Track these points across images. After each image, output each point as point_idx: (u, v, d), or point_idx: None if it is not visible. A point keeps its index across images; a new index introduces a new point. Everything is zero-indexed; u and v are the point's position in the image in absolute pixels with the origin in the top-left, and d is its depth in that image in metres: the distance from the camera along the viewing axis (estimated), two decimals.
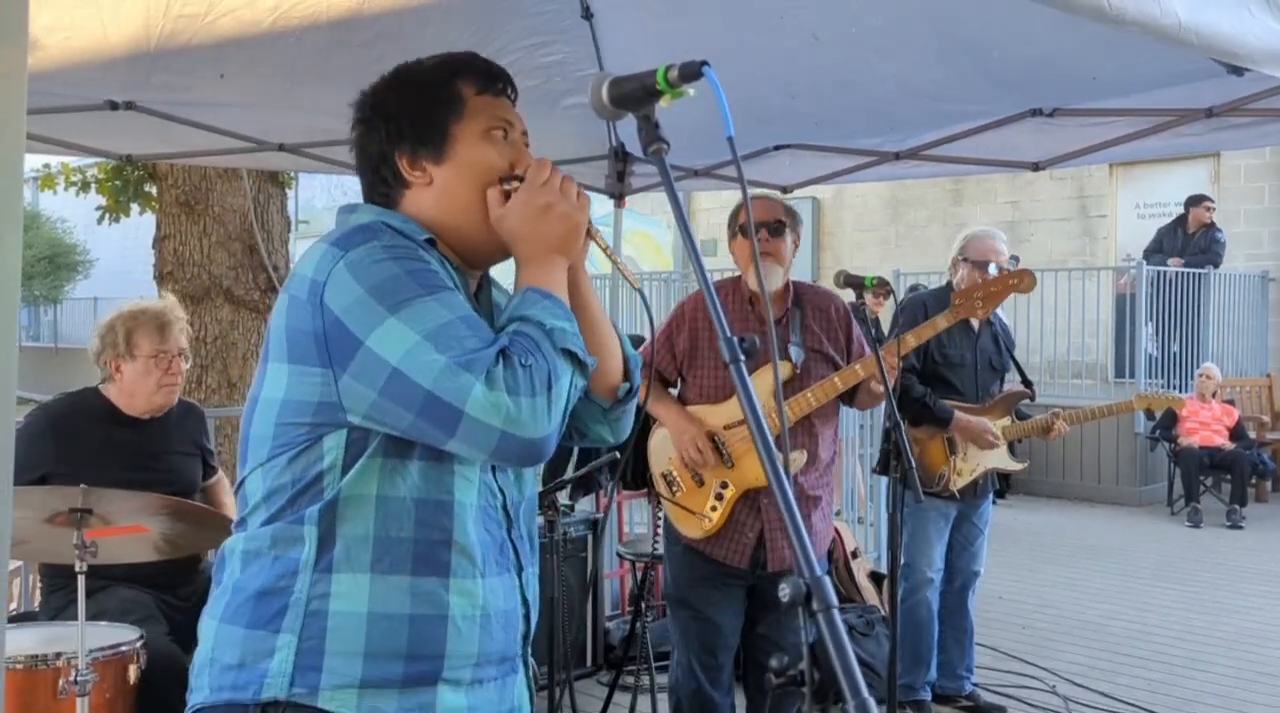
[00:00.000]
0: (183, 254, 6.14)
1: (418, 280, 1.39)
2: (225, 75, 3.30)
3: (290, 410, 1.44)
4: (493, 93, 1.58)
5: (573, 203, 1.51)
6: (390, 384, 1.35)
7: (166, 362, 3.28)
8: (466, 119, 1.55)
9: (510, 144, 1.57)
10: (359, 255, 1.40)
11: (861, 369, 3.28)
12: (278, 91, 3.53)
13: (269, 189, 6.35)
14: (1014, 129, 3.84)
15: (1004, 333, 4.47)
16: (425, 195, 1.55)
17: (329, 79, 3.21)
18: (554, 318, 1.43)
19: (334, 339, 1.38)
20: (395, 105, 1.57)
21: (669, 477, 3.43)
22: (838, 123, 4.05)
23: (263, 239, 6.22)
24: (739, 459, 3.32)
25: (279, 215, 6.47)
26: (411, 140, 1.54)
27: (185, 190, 6.12)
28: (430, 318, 1.36)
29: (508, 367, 1.34)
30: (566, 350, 1.41)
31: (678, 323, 3.45)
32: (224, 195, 6.16)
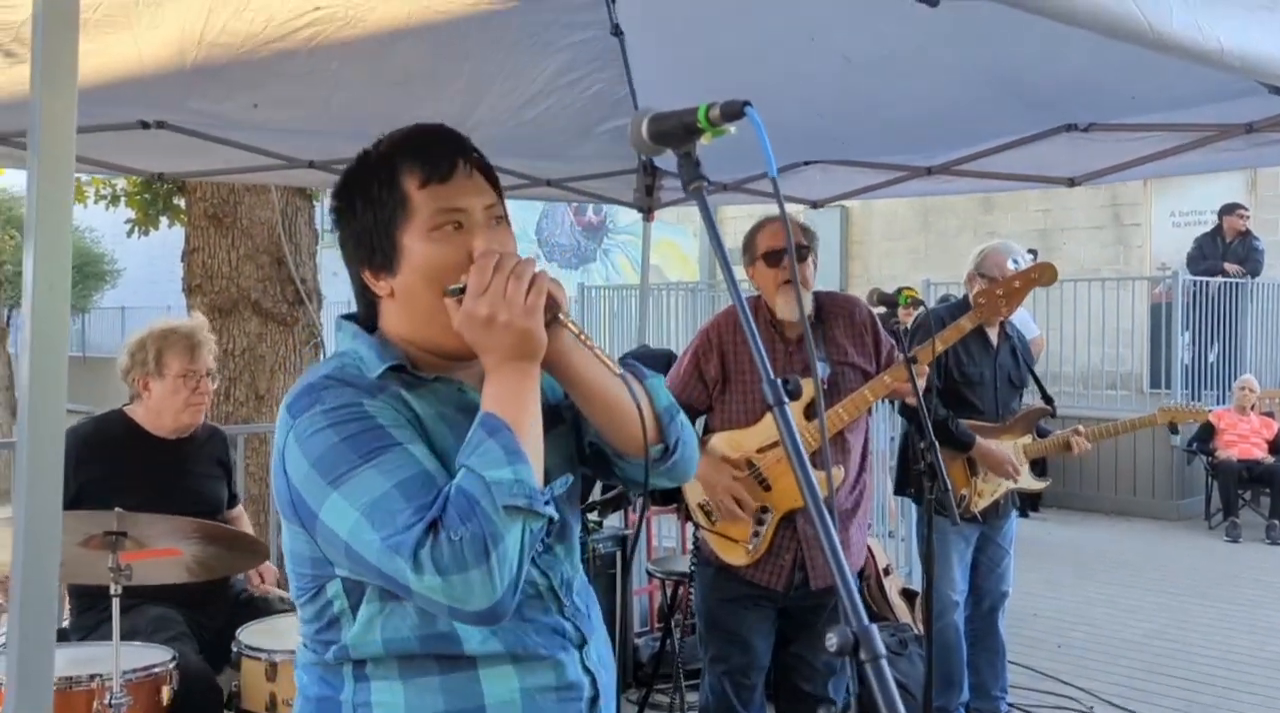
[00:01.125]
0: (211, 267, 6.19)
1: (357, 447, 1.37)
2: (259, 105, 3.35)
3: (295, 559, 1.49)
4: (438, 179, 1.48)
5: (518, 307, 1.41)
6: (349, 554, 1.37)
7: (195, 381, 3.33)
8: (411, 221, 1.47)
9: (468, 231, 1.48)
10: (304, 426, 1.40)
11: (890, 378, 3.27)
12: (310, 120, 3.58)
13: (296, 202, 6.39)
14: (1048, 144, 3.83)
15: (1022, 346, 4.43)
16: (391, 307, 1.51)
17: (363, 109, 3.25)
18: (494, 467, 1.34)
19: (299, 506, 1.41)
20: (349, 213, 1.52)
21: (707, 506, 3.42)
22: (867, 142, 4.05)
23: (290, 252, 6.26)
24: (776, 481, 3.32)
25: (307, 228, 6.51)
26: (365, 250, 1.50)
27: (214, 204, 6.17)
28: (366, 491, 1.34)
29: (434, 544, 1.30)
30: (508, 505, 1.33)
31: (705, 350, 3.44)
32: (252, 208, 6.21)
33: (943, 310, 4.21)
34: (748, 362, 3.34)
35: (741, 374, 3.37)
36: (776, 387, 1.18)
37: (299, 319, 6.25)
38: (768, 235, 3.34)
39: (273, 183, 5.42)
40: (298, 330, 6.24)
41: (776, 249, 3.30)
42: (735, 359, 3.38)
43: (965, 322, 3.51)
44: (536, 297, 1.44)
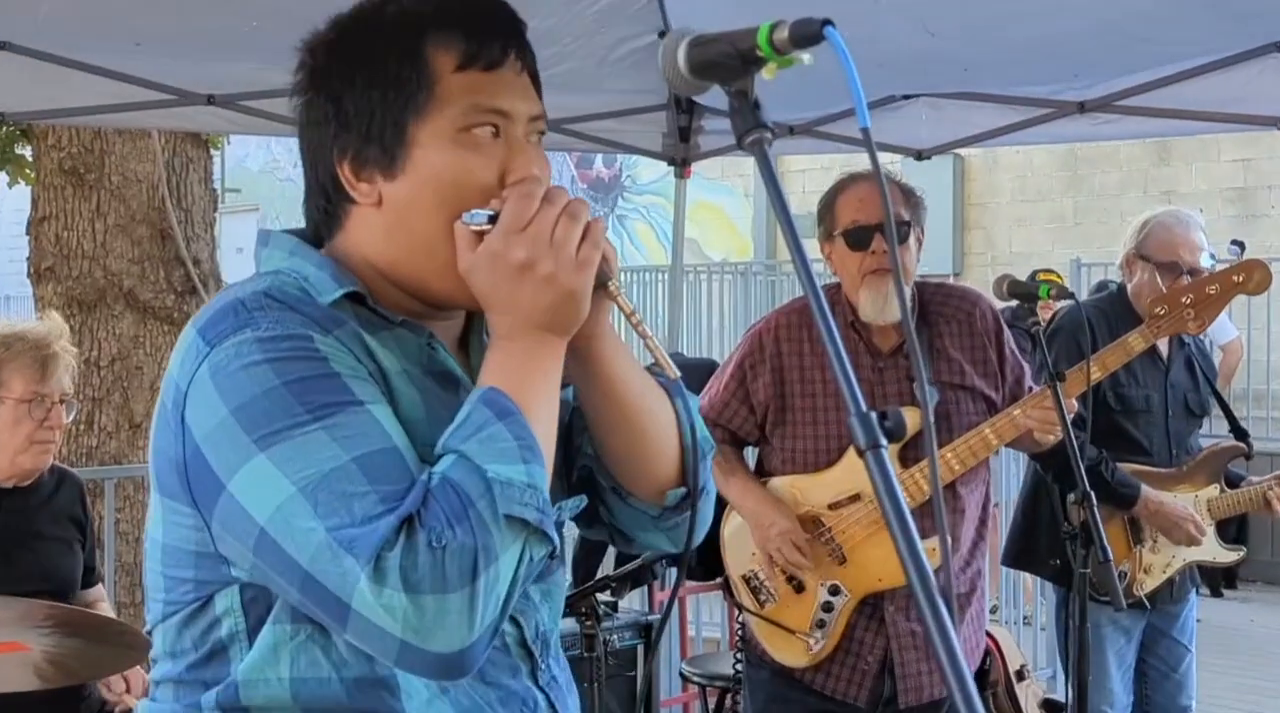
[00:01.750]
0: (68, 242, 6.24)
1: (304, 396, 1.38)
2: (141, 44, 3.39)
3: (171, 559, 1.48)
4: (483, 64, 1.52)
5: (566, 258, 1.44)
6: (262, 548, 1.36)
7: (44, 410, 3.34)
8: (434, 110, 1.50)
9: (506, 144, 1.52)
10: (226, 355, 1.40)
11: (1023, 415, 3.25)
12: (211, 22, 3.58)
13: (188, 152, 6.45)
14: (1249, 70, 3.81)
15: (1204, 359, 4.37)
16: (372, 220, 1.53)
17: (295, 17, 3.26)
18: (501, 460, 1.37)
19: (195, 473, 1.41)
20: (338, 78, 1.53)
21: (754, 580, 3.42)
22: (997, 67, 4.04)
23: (179, 221, 6.32)
24: (854, 551, 3.32)
25: (201, 186, 6.57)
26: (356, 138, 1.52)
27: (72, 153, 6.22)
28: (311, 459, 1.35)
29: (409, 547, 1.31)
30: (512, 515, 1.36)
31: (754, 360, 3.44)
32: (124, 161, 6.26)
33: (1093, 310, 4.10)
34: (819, 380, 3.33)
35: (808, 397, 3.37)
36: (870, 423, 1.17)
37: (190, 315, 6.26)
38: (852, 202, 3.33)
39: (155, 126, 5.45)
40: None
41: (864, 225, 3.28)
42: (800, 375, 3.38)
43: (1134, 340, 3.48)
44: (591, 249, 1.47)
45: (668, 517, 1.63)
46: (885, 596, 3.29)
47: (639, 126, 4.81)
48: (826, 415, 3.34)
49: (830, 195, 3.42)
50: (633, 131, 4.90)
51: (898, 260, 3.08)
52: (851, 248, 3.29)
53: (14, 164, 7.98)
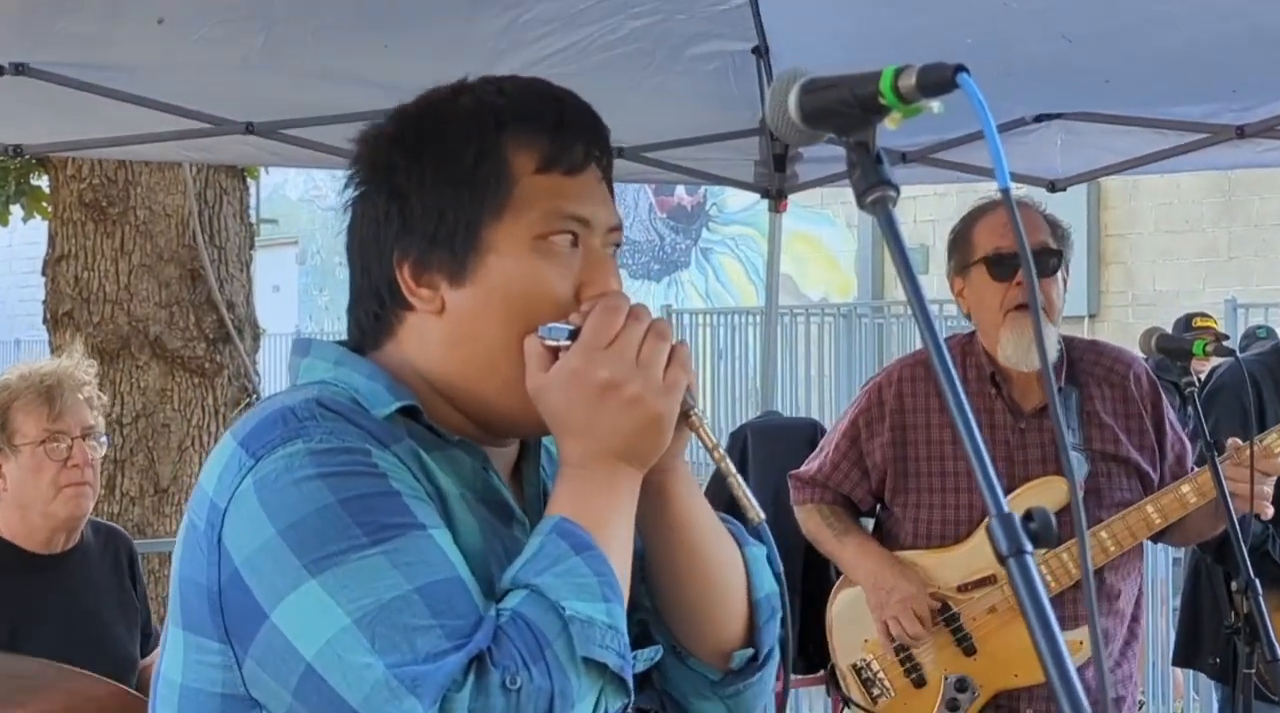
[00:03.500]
0: (88, 283, 6.33)
1: (360, 516, 1.39)
2: (165, 20, 3.44)
3: (192, 705, 1.48)
4: (565, 167, 1.56)
5: (654, 379, 1.48)
6: (306, 688, 1.37)
7: (64, 449, 3.37)
8: (511, 214, 1.54)
9: (584, 257, 1.56)
10: (275, 468, 1.42)
11: (1193, 493, 3.22)
12: (245, 44, 3.64)
13: (221, 182, 6.54)
14: None
15: None
16: (431, 330, 1.56)
17: (340, 34, 3.32)
18: (581, 596, 1.40)
19: (232, 603, 1.42)
20: (404, 173, 1.56)
21: (866, 671, 3.43)
22: (1142, 79, 4.02)
23: (212, 259, 6.39)
24: (986, 642, 3.31)
25: (237, 221, 6.64)
26: (420, 239, 1.55)
27: (93, 185, 6.31)
28: (369, 588, 1.36)
29: (480, 688, 1.33)
30: (591, 659, 1.38)
31: (871, 417, 3.45)
32: (152, 192, 6.35)
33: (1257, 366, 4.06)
34: (948, 441, 3.33)
35: (935, 460, 3.38)
36: (1013, 526, 1.18)
37: (223, 366, 6.36)
38: (994, 228, 3.32)
39: (187, 158, 5.53)
40: (221, 384, 6.35)
41: (1010, 252, 3.27)
42: (925, 436, 3.39)
43: None
44: (679, 371, 1.50)
45: (731, 683, 1.63)
46: (1021, 695, 3.28)
47: (727, 154, 4.81)
48: (957, 482, 3.34)
49: (966, 223, 3.42)
50: (720, 159, 4.91)
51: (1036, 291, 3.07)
52: (994, 278, 3.28)
53: (29, 197, 8.12)
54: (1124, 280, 13.50)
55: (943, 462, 3.37)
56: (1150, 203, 13.60)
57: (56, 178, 6.53)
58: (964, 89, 1.22)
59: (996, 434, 3.32)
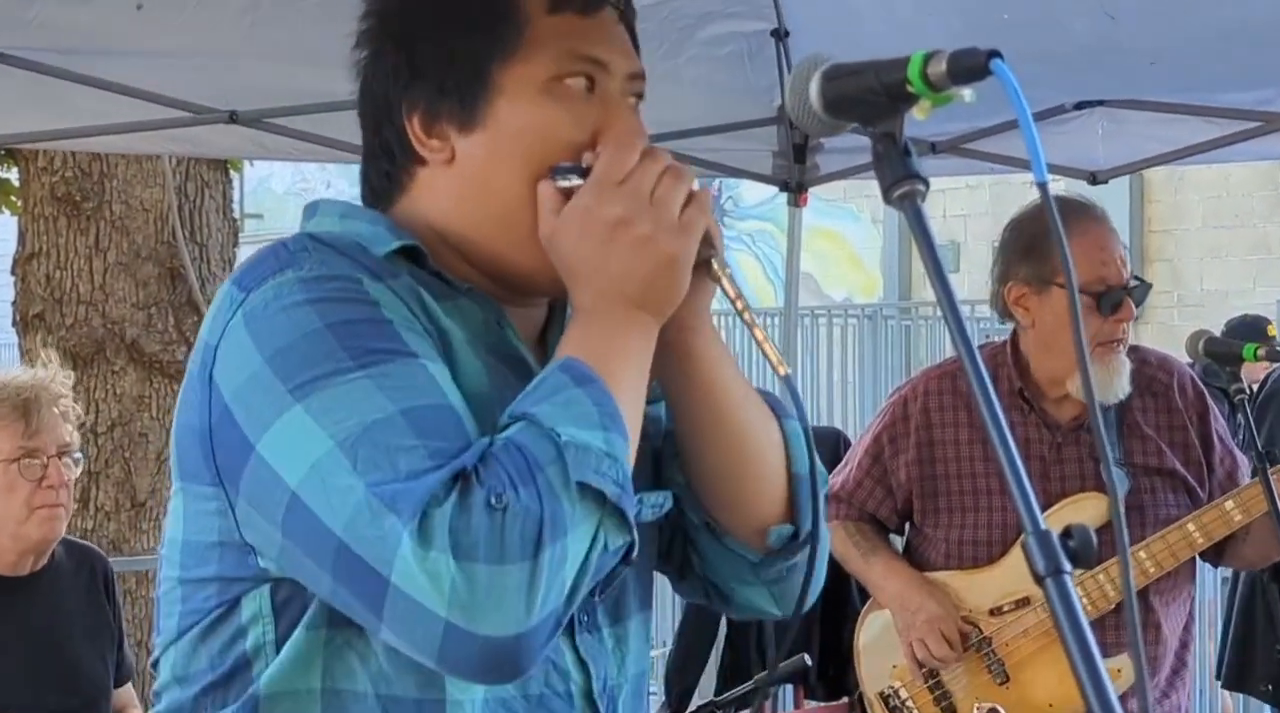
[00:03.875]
0: (60, 283, 6.33)
1: (347, 340, 1.43)
2: (144, 5, 3.45)
3: (192, 557, 1.53)
4: (578, 7, 1.60)
5: (669, 219, 1.51)
6: (293, 518, 1.40)
7: (39, 467, 3.38)
8: (522, 55, 1.58)
9: (600, 101, 1.60)
10: (264, 297, 1.47)
11: (1238, 509, 3.22)
12: (230, 28, 3.66)
13: (203, 175, 6.53)
14: None
15: None
16: (442, 181, 1.61)
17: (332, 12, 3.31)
18: (579, 424, 1.42)
19: (221, 439, 1.46)
20: (413, 20, 1.62)
21: (893, 700, 3.44)
22: (1189, 60, 4.01)
23: (193, 257, 6.39)
24: (1018, 669, 3.32)
25: (219, 216, 6.64)
26: (428, 86, 1.59)
27: (66, 178, 6.31)
28: (353, 410, 1.39)
29: (462, 506, 1.34)
30: (587, 486, 1.40)
31: (896, 433, 3.47)
32: (129, 185, 6.35)
33: None
34: (980, 458, 3.33)
35: (966, 479, 3.39)
36: (1050, 545, 1.18)
37: None
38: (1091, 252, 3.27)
39: (166, 149, 5.53)
40: None
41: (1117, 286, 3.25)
42: (955, 452, 3.40)
43: None
44: (697, 213, 1.53)
45: (771, 564, 1.66)
46: None
47: (744, 144, 4.80)
48: (990, 501, 3.34)
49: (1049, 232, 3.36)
50: (736, 150, 4.90)
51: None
52: (1096, 311, 3.25)
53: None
54: (1169, 279, 13.46)
55: (974, 479, 3.37)
56: (1197, 196, 13.58)
57: (27, 170, 6.53)
58: (998, 76, 1.23)
59: (1031, 449, 3.32)
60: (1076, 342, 1.34)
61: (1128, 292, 3.25)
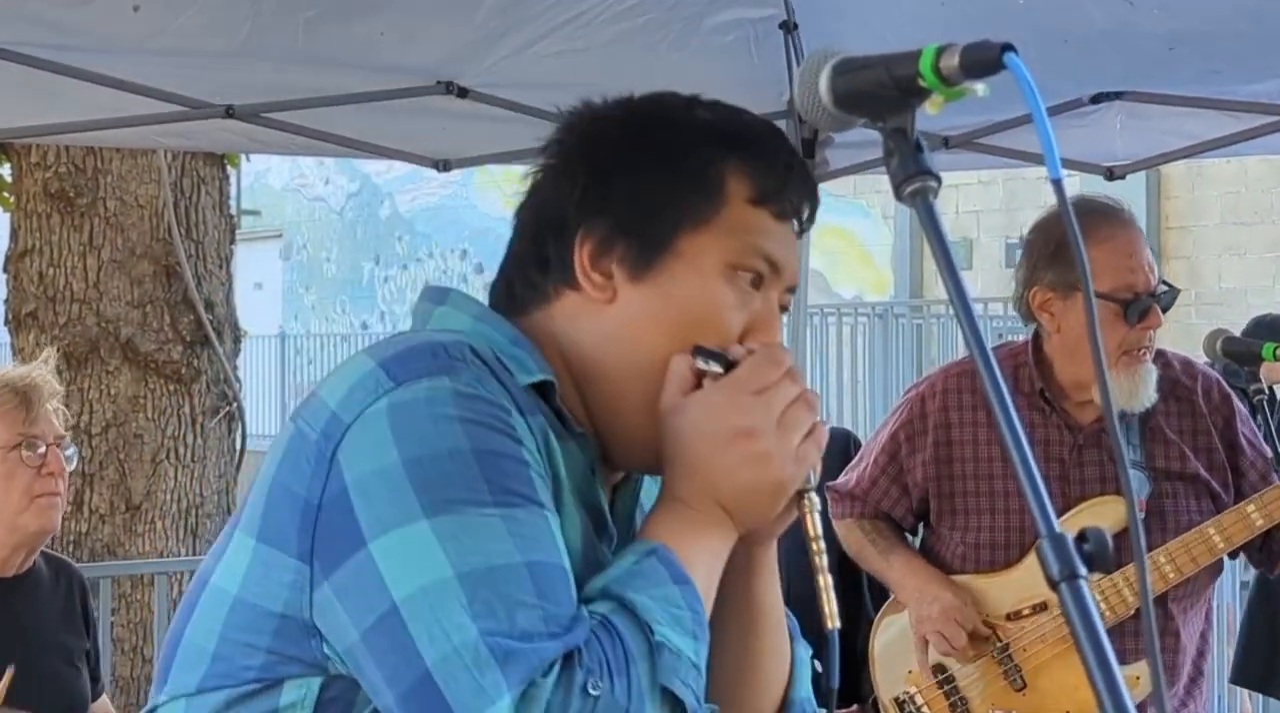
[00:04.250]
0: (54, 281, 6.34)
1: (489, 472, 1.44)
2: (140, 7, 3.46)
3: (243, 619, 1.51)
4: (776, 208, 1.65)
5: (790, 445, 1.55)
6: (380, 630, 1.41)
7: (39, 454, 3.38)
8: (713, 230, 1.63)
9: (762, 302, 1.64)
10: (414, 397, 1.47)
11: (1259, 513, 3.23)
12: (233, 33, 3.68)
13: (199, 170, 6.54)
14: None
15: None
16: (591, 315, 1.63)
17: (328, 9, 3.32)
18: (674, 625, 1.46)
19: (329, 521, 1.46)
20: (617, 154, 1.66)
21: (908, 704, 3.44)
22: (1208, 43, 4.00)
23: (189, 255, 6.40)
24: (1035, 675, 3.32)
25: (216, 212, 6.65)
26: (612, 220, 1.63)
27: (60, 174, 6.33)
28: (481, 547, 1.41)
29: (565, 685, 1.37)
30: (669, 691, 1.45)
31: (912, 431, 3.46)
32: (124, 181, 6.36)
33: None
34: (999, 459, 3.33)
35: (983, 479, 3.39)
36: (1065, 548, 1.18)
37: (201, 372, 6.37)
38: (1120, 257, 3.26)
39: (162, 144, 5.54)
40: (199, 390, 6.36)
41: (1146, 293, 3.24)
42: (974, 453, 3.39)
43: None
44: (814, 447, 1.58)
45: None
46: None
47: None
48: (1007, 503, 3.34)
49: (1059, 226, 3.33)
50: None
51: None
52: (1124, 320, 3.23)
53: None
54: (1187, 277, 13.43)
55: (991, 481, 3.37)
56: (1216, 192, 13.56)
57: (20, 166, 6.54)
58: (1011, 70, 1.23)
59: (1050, 451, 3.32)
60: (1094, 352, 1.34)
61: (1155, 299, 3.23)
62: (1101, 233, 3.26)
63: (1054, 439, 3.32)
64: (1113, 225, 3.31)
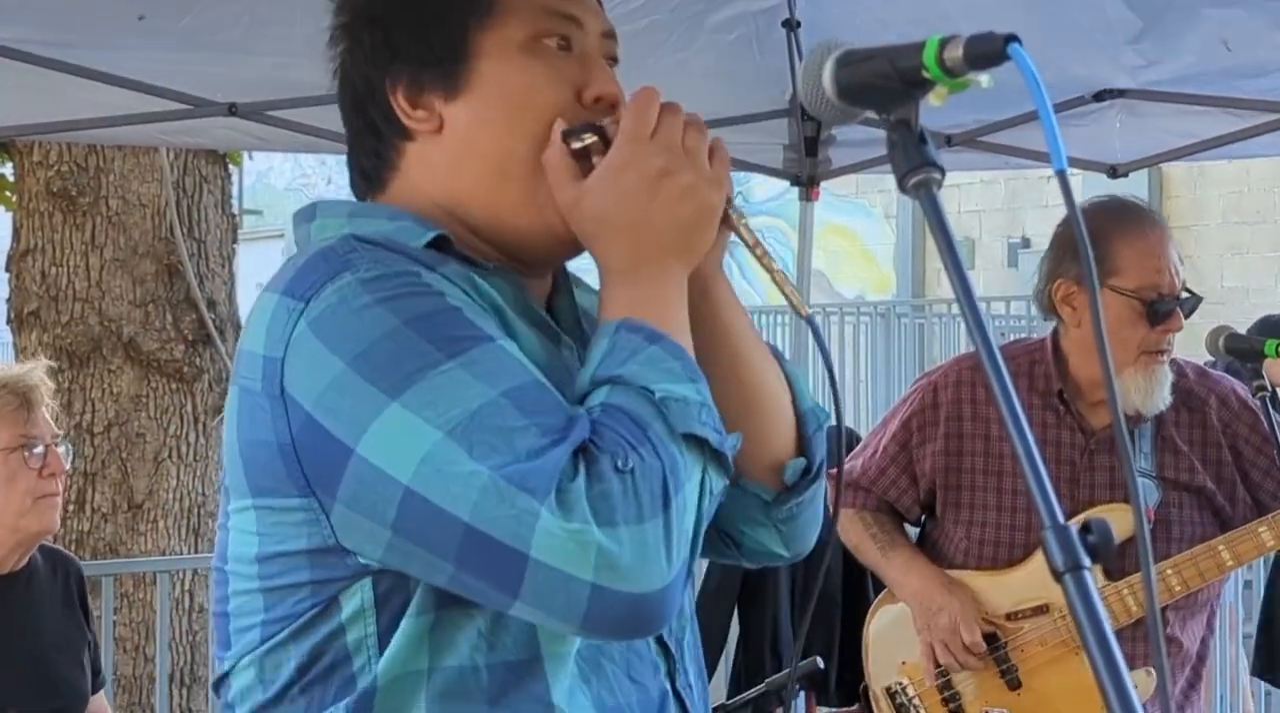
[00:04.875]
0: (56, 280, 6.34)
1: (429, 332, 1.47)
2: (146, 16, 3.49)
3: (274, 569, 1.54)
4: None
5: (703, 167, 1.58)
6: (408, 514, 1.44)
7: (40, 457, 3.38)
8: (498, 17, 1.64)
9: (579, 60, 1.65)
10: (328, 304, 1.49)
11: (1270, 535, 3.24)
12: (236, 33, 3.70)
13: (201, 169, 6.54)
14: None
15: None
16: (433, 152, 1.65)
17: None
18: (668, 379, 1.49)
19: (310, 448, 1.48)
20: (380, 6, 1.68)
21: (900, 695, 3.44)
22: (1214, 47, 3.99)
23: (191, 254, 6.39)
24: (1031, 676, 3.31)
25: (218, 211, 6.65)
26: (409, 60, 1.64)
27: (61, 173, 6.32)
28: (456, 399, 1.44)
29: (593, 475, 1.41)
30: (692, 436, 1.48)
31: (924, 420, 3.45)
32: (126, 180, 6.36)
33: None
34: (1008, 457, 3.31)
35: (993, 474, 3.38)
36: (1069, 539, 1.18)
37: (203, 371, 6.37)
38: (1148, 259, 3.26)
39: (164, 142, 5.54)
40: (201, 390, 6.36)
41: (1171, 296, 3.24)
42: (985, 446, 3.38)
43: None
44: (721, 164, 1.59)
45: (784, 501, 1.72)
46: None
47: (753, 137, 4.79)
48: (1015, 500, 3.33)
49: (1101, 231, 3.28)
50: (745, 143, 4.88)
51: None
52: (1147, 320, 3.24)
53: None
54: (1189, 277, 13.40)
55: (1000, 477, 3.36)
56: (1218, 191, 13.57)
57: (21, 165, 6.54)
58: (1015, 61, 1.23)
59: (1061, 454, 3.32)
60: (1100, 347, 1.33)
61: (1179, 302, 3.24)
62: (1132, 232, 3.28)
63: (1065, 441, 3.32)
64: (1143, 225, 3.33)
